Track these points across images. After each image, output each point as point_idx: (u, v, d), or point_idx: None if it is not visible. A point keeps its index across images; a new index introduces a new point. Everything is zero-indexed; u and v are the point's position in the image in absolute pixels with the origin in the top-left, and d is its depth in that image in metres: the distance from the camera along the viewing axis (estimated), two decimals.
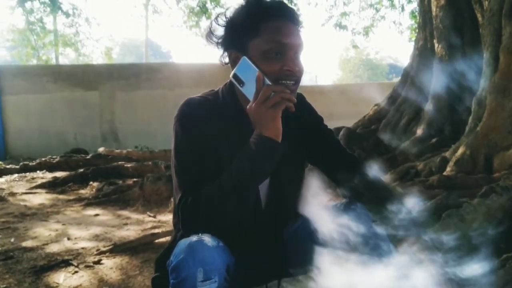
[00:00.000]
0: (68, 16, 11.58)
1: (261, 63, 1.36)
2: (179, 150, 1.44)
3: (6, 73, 10.38)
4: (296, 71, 1.39)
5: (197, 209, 1.35)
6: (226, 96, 1.51)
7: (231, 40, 1.45)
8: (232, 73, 1.40)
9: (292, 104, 1.33)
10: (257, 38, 1.38)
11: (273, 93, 1.31)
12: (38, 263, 3.09)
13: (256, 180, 1.37)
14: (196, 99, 1.49)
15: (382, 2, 11.30)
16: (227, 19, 1.46)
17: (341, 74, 37.63)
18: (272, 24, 1.38)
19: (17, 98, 10.32)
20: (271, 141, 1.32)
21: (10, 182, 6.44)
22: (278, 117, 1.32)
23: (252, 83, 1.34)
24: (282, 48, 1.37)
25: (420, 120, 4.90)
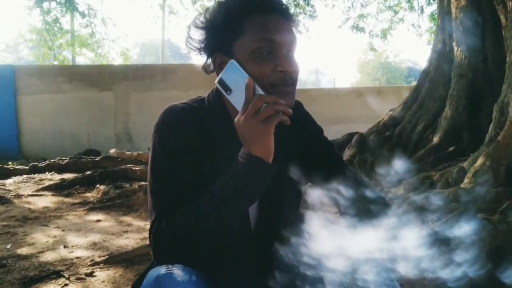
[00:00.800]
0: (84, 16, 11.57)
1: (250, 66, 1.17)
2: (155, 165, 1.26)
3: (22, 73, 10.39)
4: (291, 71, 1.20)
5: (170, 235, 1.18)
6: (213, 104, 1.32)
7: (214, 42, 1.25)
8: (217, 78, 1.21)
9: (287, 117, 1.13)
10: (243, 37, 1.19)
11: (265, 104, 1.11)
12: (29, 273, 2.97)
13: (241, 205, 1.19)
14: (178, 106, 1.30)
15: (401, 4, 11.02)
16: (207, 20, 1.25)
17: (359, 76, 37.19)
18: (258, 19, 1.20)
19: (32, 98, 10.32)
20: (261, 162, 1.13)
21: (18, 183, 6.38)
22: (270, 133, 1.12)
23: (241, 90, 1.15)
24: (272, 46, 1.18)
25: (437, 127, 4.66)
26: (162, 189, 1.24)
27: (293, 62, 1.21)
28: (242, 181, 1.13)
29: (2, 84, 10.06)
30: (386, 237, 1.20)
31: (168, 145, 1.24)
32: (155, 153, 1.26)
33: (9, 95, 10.10)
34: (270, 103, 1.11)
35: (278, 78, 1.18)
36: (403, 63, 37.83)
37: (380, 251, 1.18)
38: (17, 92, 10.19)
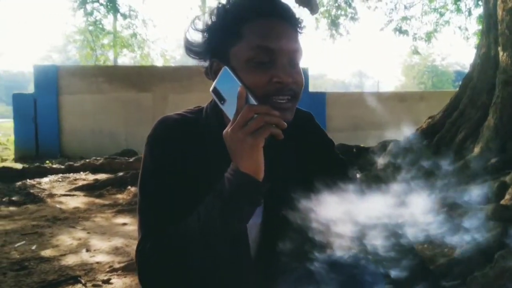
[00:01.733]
0: (126, 17, 11.76)
1: (245, 75, 1.07)
2: (143, 182, 1.18)
3: (64, 73, 10.61)
4: (290, 83, 1.08)
5: (155, 260, 1.09)
6: (210, 115, 1.22)
7: (212, 47, 1.15)
8: (212, 86, 1.12)
9: (280, 130, 1.02)
10: (240, 44, 1.09)
11: (255, 115, 1.01)
12: (48, 277, 2.98)
13: (228, 227, 1.07)
14: (172, 118, 1.21)
15: (447, 6, 10.62)
16: (206, 22, 1.16)
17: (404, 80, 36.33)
18: (256, 24, 1.09)
19: (73, 98, 10.52)
20: (249, 179, 1.02)
21: (53, 182, 6.49)
22: (259, 147, 1.01)
23: (234, 100, 1.06)
24: (270, 55, 1.08)
25: (479, 137, 4.39)
26: (149, 207, 1.15)
27: (294, 73, 1.10)
28: (229, 200, 1.03)
29: (46, 84, 10.30)
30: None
31: (158, 160, 1.16)
32: (144, 168, 1.18)
33: (52, 94, 10.33)
34: (261, 113, 1.01)
35: (274, 89, 1.07)
36: (451, 66, 36.70)
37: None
38: (59, 92, 10.40)
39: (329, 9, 10.14)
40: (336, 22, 10.18)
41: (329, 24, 10.25)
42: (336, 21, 10.13)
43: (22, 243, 3.79)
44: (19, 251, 3.57)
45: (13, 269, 3.17)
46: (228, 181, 1.03)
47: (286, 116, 1.08)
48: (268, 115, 1.01)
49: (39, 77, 10.28)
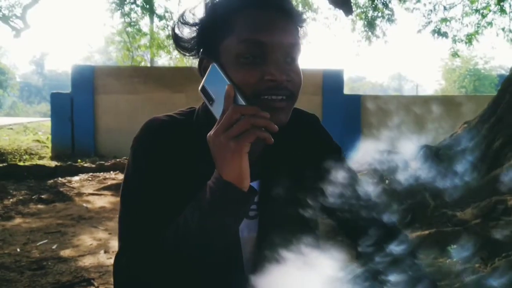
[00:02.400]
0: (162, 19, 11.83)
1: (234, 72, 0.96)
2: (124, 186, 1.07)
3: (100, 73, 10.80)
4: (283, 80, 0.96)
5: (131, 274, 0.99)
6: (201, 116, 1.10)
7: (201, 42, 1.04)
8: (200, 85, 1.01)
9: (270, 134, 0.90)
10: (230, 37, 0.98)
11: (242, 117, 0.89)
12: (63, 278, 2.98)
13: (208, 240, 0.95)
14: (159, 119, 1.10)
15: (490, 7, 10.15)
16: (195, 15, 1.05)
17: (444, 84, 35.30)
18: (248, 16, 0.98)
19: (108, 98, 10.68)
20: (231, 188, 0.90)
21: (83, 181, 6.57)
22: (242, 153, 0.89)
23: (223, 100, 0.94)
24: (261, 49, 0.96)
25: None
26: (129, 214, 1.04)
27: (289, 70, 0.98)
28: (209, 211, 0.92)
29: (83, 84, 10.50)
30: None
31: (141, 164, 1.05)
32: (127, 172, 1.07)
33: (88, 94, 10.52)
34: (247, 115, 0.89)
35: (265, 88, 0.95)
36: (495, 70, 35.45)
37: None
38: (95, 92, 10.59)
39: (366, 10, 9.90)
40: (372, 23, 9.93)
41: (365, 26, 10.02)
42: (373, 23, 9.89)
43: (44, 242, 3.82)
44: (39, 250, 3.60)
45: (31, 268, 3.19)
46: (209, 189, 0.92)
47: (280, 118, 0.97)
48: (256, 117, 0.89)
49: (76, 77, 10.50)
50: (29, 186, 6.16)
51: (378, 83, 68.54)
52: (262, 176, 1.09)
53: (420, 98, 11.89)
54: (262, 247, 1.08)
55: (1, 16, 10.60)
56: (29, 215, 4.79)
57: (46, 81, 55.42)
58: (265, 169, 1.09)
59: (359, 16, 10.21)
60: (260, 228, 1.09)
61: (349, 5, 7.42)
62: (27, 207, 5.07)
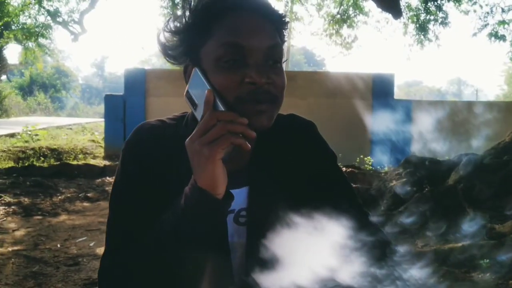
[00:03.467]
0: None
1: (214, 76, 0.96)
2: (113, 192, 1.08)
3: (151, 76, 11.08)
4: (263, 83, 0.94)
5: (111, 281, 1.01)
6: (190, 121, 1.10)
7: (185, 49, 1.04)
8: (185, 90, 1.01)
9: (245, 141, 0.89)
10: (209, 42, 0.98)
11: (218, 122, 0.88)
12: (94, 275, 3.08)
13: (184, 249, 0.94)
14: (149, 124, 1.11)
15: None
16: (178, 22, 1.04)
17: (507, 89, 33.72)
18: (226, 20, 0.97)
19: (159, 100, 10.93)
20: (205, 195, 0.89)
21: None
22: (215, 159, 0.88)
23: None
24: (240, 52, 0.95)
25: None
26: (116, 220, 1.06)
27: (271, 72, 0.96)
28: (182, 218, 0.92)
29: (135, 86, 10.82)
30: None
31: (128, 169, 1.06)
32: (116, 177, 1.09)
33: (140, 96, 10.82)
34: (223, 121, 0.88)
35: (246, 91, 0.94)
36: None
37: None
38: (147, 94, 10.88)
39: (418, 13, 9.63)
40: (424, 27, 9.64)
41: (417, 29, 9.75)
42: (425, 26, 9.59)
43: (83, 238, 3.97)
44: (77, 247, 3.75)
45: (67, 264, 3.35)
46: (185, 195, 0.92)
47: (262, 122, 0.96)
48: (233, 123, 0.88)
49: (129, 80, 10.82)
50: (78, 184, 6.41)
51: (436, 88, 66.29)
52: (251, 182, 1.08)
53: (475, 104, 11.40)
54: (251, 253, 1.07)
55: (61, 22, 11.12)
56: (74, 212, 4.99)
57: (106, 83, 57.68)
58: (254, 175, 1.08)
59: (411, 19, 9.93)
60: (249, 234, 1.08)
61: (398, 8, 7.25)
62: (73, 205, 5.29)
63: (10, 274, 3.10)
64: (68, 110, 34.22)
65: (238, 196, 1.01)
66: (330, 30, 11.40)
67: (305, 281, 0.99)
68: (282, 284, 1.00)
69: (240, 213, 1.08)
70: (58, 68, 35.10)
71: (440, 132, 9.55)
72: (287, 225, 1.07)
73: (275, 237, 1.03)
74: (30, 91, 29.10)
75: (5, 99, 21.71)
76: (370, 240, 1.04)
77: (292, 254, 1.02)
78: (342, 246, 1.01)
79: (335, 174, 1.19)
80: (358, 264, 1.01)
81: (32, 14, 11.39)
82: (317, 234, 1.01)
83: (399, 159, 6.78)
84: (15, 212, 4.82)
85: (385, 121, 9.46)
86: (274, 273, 1.02)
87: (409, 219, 3.71)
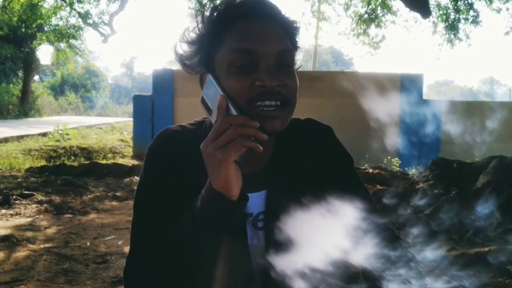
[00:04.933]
0: None
1: (226, 81, 0.99)
2: (136, 194, 1.13)
3: (179, 76, 11.14)
4: (273, 86, 0.97)
5: (136, 281, 1.06)
6: (208, 126, 1.13)
7: (200, 58, 1.08)
8: (201, 96, 1.05)
9: (257, 144, 0.92)
10: (222, 49, 1.02)
11: (230, 126, 0.92)
12: (122, 273, 3.09)
13: (202, 249, 0.98)
14: (170, 130, 1.15)
15: None
16: (194, 33, 1.08)
17: None
18: (237, 27, 1.01)
19: (187, 100, 11.01)
20: (219, 197, 0.93)
21: None
22: (228, 163, 0.91)
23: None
24: (251, 57, 0.98)
25: None
26: (140, 222, 1.11)
27: (282, 75, 0.99)
28: (200, 219, 0.95)
29: (163, 87, 10.94)
30: None
31: (150, 173, 1.11)
32: (139, 180, 1.14)
33: (168, 96, 10.94)
34: (235, 125, 0.91)
35: (257, 94, 0.97)
36: None
37: None
38: (175, 94, 10.99)
39: (447, 12, 9.46)
40: (455, 26, 9.47)
41: (446, 28, 9.58)
42: (455, 25, 9.42)
43: (111, 237, 4.04)
44: (106, 245, 3.82)
45: (96, 262, 3.41)
46: (201, 197, 0.96)
47: (274, 126, 0.99)
48: (244, 126, 0.91)
49: (157, 80, 10.95)
50: (107, 184, 6.53)
51: (467, 87, 64.82)
52: (269, 186, 1.11)
53: (506, 105, 11.13)
54: (269, 257, 1.08)
55: (91, 23, 11.35)
56: (103, 211, 5.08)
57: (135, 83, 58.49)
58: (272, 179, 1.11)
59: (440, 18, 9.75)
60: (267, 238, 1.10)
61: (426, 7, 7.13)
62: (102, 203, 5.38)
63: (42, 271, 3.18)
64: (97, 109, 34.84)
65: (256, 199, 1.05)
66: (358, 30, 11.30)
67: (323, 284, 1.04)
68: (301, 287, 1.02)
69: (259, 217, 1.11)
70: (89, 69, 35.78)
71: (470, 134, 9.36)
72: (304, 228, 1.08)
73: (292, 239, 1.05)
74: (61, 91, 29.78)
75: (38, 99, 22.26)
76: (386, 245, 1.05)
77: (309, 256, 1.03)
78: (359, 250, 1.03)
79: (352, 178, 1.20)
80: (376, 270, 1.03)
81: (63, 16, 11.65)
82: (334, 238, 1.02)
83: (427, 160, 6.69)
84: (47, 210, 4.93)
85: (413, 122, 9.35)
86: (291, 274, 1.04)
87: (436, 222, 3.65)
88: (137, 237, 1.09)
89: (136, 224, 1.11)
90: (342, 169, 1.19)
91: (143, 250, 1.05)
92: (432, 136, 9.53)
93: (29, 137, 11.31)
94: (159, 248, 1.01)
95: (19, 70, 21.86)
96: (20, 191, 5.55)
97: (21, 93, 21.01)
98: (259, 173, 1.10)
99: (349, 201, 1.07)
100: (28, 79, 21.27)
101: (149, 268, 1.02)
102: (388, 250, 1.06)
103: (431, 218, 3.71)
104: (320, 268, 1.00)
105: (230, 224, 0.97)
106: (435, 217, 3.70)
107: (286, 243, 1.03)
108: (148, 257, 1.02)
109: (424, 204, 4.17)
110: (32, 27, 11.84)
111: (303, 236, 1.06)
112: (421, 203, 4.23)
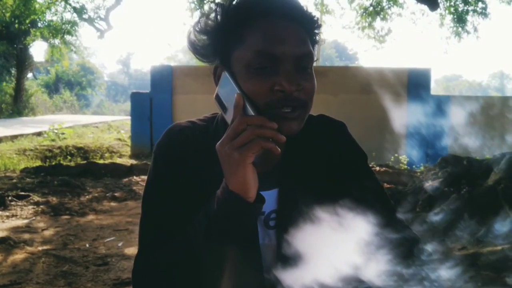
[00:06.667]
0: None
1: (244, 81, 0.98)
2: (145, 193, 1.11)
3: (178, 73, 10.91)
4: (293, 91, 0.96)
5: (147, 281, 1.03)
6: (219, 123, 1.13)
7: (215, 50, 1.05)
8: (215, 93, 1.04)
9: (275, 145, 0.91)
10: (241, 48, 1.00)
11: (248, 127, 0.91)
12: (123, 275, 3.07)
13: (216, 251, 0.97)
14: (180, 126, 1.14)
15: None
16: (208, 23, 1.04)
17: None
18: (259, 26, 0.99)
19: (186, 98, 10.76)
20: (235, 198, 0.93)
21: None
22: (245, 164, 0.91)
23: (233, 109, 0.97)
24: (271, 60, 0.97)
25: None
26: (149, 221, 1.09)
27: (301, 79, 0.98)
28: (215, 220, 0.95)
29: (162, 84, 10.68)
30: None
31: (160, 171, 1.09)
32: (148, 178, 1.12)
33: (167, 94, 10.67)
34: (253, 125, 0.91)
35: (276, 98, 0.96)
36: None
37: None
38: (174, 91, 10.72)
39: (455, 4, 9.20)
40: (462, 18, 9.21)
41: (454, 21, 9.31)
42: (463, 17, 9.15)
43: (111, 238, 3.86)
44: (106, 247, 3.67)
45: (96, 264, 3.26)
46: (216, 198, 0.96)
47: (292, 127, 0.99)
48: (262, 127, 0.91)
49: (155, 77, 10.70)
50: (105, 184, 6.30)
51: (476, 82, 64.53)
52: (281, 184, 1.11)
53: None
54: (281, 255, 1.07)
55: (87, 18, 11.07)
56: (102, 212, 4.89)
57: (132, 80, 58.15)
58: (285, 176, 1.11)
59: (448, 10, 9.51)
60: (278, 237, 1.09)
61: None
62: (101, 204, 5.18)
63: (40, 273, 3.08)
64: (93, 107, 34.59)
65: (268, 198, 1.03)
66: (363, 23, 11.11)
67: (335, 284, 0.97)
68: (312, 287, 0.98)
69: (270, 215, 1.10)
70: (84, 66, 35.38)
71: (478, 129, 9.16)
72: (317, 226, 1.06)
73: (304, 239, 1.03)
74: (56, 88, 29.42)
75: (32, 97, 21.94)
76: (400, 243, 1.02)
77: (322, 256, 1.00)
78: (373, 250, 0.99)
79: (365, 175, 1.20)
80: (388, 266, 0.98)
81: (58, 11, 11.36)
82: (348, 236, 0.99)
83: (436, 157, 6.51)
84: (44, 212, 4.75)
85: (421, 118, 9.12)
86: (304, 275, 1.00)
87: (446, 220, 3.56)
88: (146, 237, 1.07)
89: (145, 223, 1.09)
90: (355, 166, 1.19)
91: (153, 250, 1.03)
92: (440, 133, 9.32)
93: (24, 137, 11.06)
94: (170, 249, 1.01)
95: (12, 68, 21.44)
96: (16, 192, 5.36)
97: (15, 91, 20.62)
98: (271, 170, 1.09)
99: (363, 198, 1.06)
100: (22, 77, 20.87)
101: (160, 269, 1.01)
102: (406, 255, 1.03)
103: (441, 216, 3.57)
104: (336, 270, 0.96)
105: (246, 226, 0.98)
106: (444, 215, 3.56)
107: (299, 243, 1.03)
108: (159, 258, 1.02)
109: (434, 202, 4.03)
110: (25, 23, 11.58)
111: (317, 236, 1.03)
112: (430, 201, 4.09)
